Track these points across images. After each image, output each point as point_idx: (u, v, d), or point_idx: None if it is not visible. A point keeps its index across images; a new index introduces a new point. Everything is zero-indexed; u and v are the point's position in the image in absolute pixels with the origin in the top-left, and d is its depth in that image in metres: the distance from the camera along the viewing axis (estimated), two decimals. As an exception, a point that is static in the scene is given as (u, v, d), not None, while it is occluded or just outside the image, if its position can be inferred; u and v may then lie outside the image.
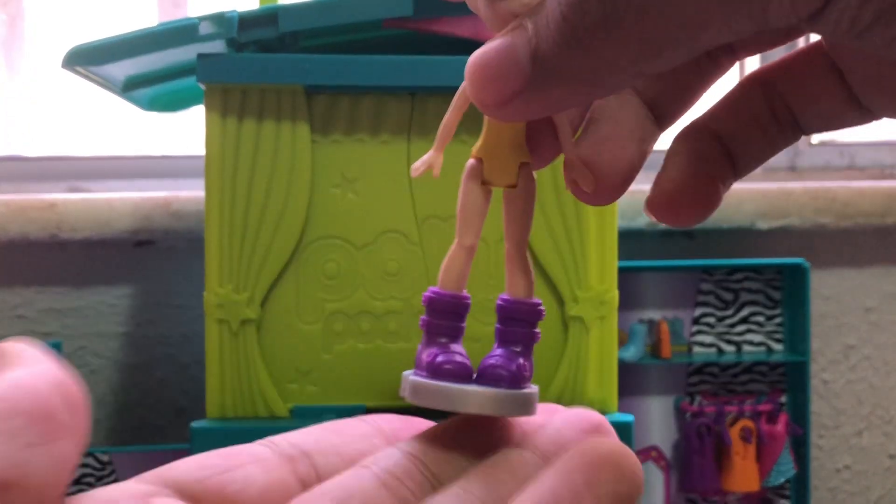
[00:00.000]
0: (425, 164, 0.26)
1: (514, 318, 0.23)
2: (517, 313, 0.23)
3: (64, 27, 1.18)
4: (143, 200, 1.01)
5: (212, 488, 0.20)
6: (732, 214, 1.06)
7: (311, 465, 0.21)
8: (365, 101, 0.71)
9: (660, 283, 1.06)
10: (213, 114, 0.69)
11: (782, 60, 0.24)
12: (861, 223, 1.08)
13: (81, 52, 0.69)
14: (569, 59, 0.19)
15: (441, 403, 0.22)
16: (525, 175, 0.24)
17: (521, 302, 0.23)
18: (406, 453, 0.21)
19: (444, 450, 0.22)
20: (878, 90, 0.22)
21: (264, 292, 0.70)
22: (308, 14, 0.68)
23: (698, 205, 0.24)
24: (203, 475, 0.20)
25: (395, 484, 0.20)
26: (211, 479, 0.20)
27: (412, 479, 0.21)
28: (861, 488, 1.13)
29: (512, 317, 0.23)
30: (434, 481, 0.21)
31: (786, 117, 0.24)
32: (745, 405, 1.04)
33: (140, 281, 1.05)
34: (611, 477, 0.19)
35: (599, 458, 0.19)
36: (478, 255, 0.71)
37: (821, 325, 1.11)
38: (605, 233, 0.72)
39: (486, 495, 0.20)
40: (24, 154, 1.18)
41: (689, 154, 0.24)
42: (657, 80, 0.24)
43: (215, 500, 0.20)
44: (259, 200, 0.69)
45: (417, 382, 0.22)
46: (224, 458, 0.20)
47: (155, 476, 0.20)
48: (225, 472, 0.20)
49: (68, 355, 1.03)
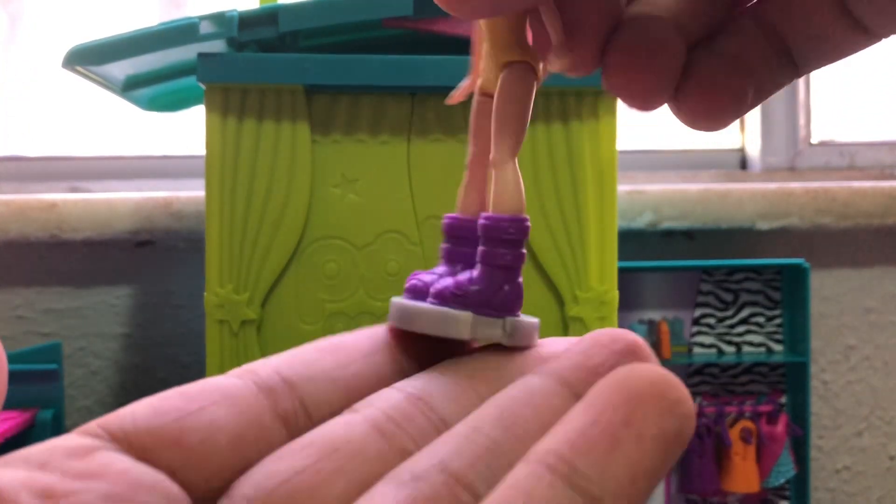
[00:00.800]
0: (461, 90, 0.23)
1: (488, 237, 0.21)
2: (490, 231, 0.21)
3: (64, 27, 1.18)
4: (143, 201, 1.01)
5: (167, 438, 0.16)
6: (732, 215, 1.06)
7: (297, 398, 0.18)
8: (365, 100, 0.71)
9: (660, 284, 1.06)
10: (213, 114, 0.69)
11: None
12: (861, 223, 1.08)
13: (81, 52, 0.69)
14: None
15: (399, 322, 0.21)
16: (507, 72, 0.21)
17: (493, 218, 0.21)
18: (407, 394, 0.18)
19: (452, 386, 0.19)
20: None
21: (264, 293, 0.70)
22: (308, 14, 0.68)
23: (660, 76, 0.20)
24: (157, 423, 0.17)
25: (393, 430, 0.17)
26: (167, 428, 0.17)
27: (413, 424, 0.18)
28: (861, 489, 1.13)
29: (486, 236, 0.21)
30: (440, 424, 0.18)
31: (778, 46, 0.22)
32: (745, 406, 1.04)
33: (140, 281, 1.04)
34: (654, 411, 0.16)
35: (638, 389, 0.16)
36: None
37: (821, 325, 1.11)
38: (605, 233, 0.72)
39: (502, 435, 0.17)
40: (25, 154, 1.18)
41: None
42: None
43: (172, 454, 0.16)
44: (259, 200, 0.69)
45: (391, 303, 0.21)
46: (185, 399, 0.17)
47: (101, 426, 0.17)
48: (184, 418, 0.17)
49: (68, 356, 1.02)
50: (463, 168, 0.23)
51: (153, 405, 0.17)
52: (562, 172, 0.71)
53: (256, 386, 0.18)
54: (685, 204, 1.05)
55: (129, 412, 0.17)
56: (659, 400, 0.16)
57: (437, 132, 0.70)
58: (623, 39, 0.20)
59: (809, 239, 1.11)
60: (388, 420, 0.18)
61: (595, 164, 0.71)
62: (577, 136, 0.71)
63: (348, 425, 0.17)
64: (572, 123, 0.70)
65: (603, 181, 0.71)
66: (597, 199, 0.71)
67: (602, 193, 0.72)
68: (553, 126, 0.70)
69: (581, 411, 0.16)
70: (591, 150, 0.71)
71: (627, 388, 0.16)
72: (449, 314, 0.20)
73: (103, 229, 1.00)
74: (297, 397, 0.18)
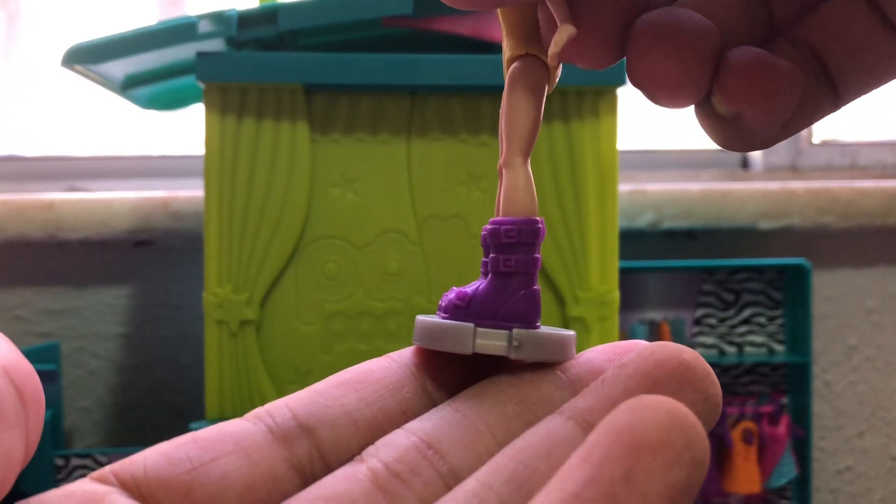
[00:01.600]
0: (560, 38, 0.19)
1: (498, 243, 0.20)
2: (499, 236, 0.19)
3: (62, 26, 1.18)
4: (141, 200, 1.01)
5: (178, 490, 0.16)
6: (734, 214, 1.06)
7: (314, 444, 0.17)
8: (364, 99, 0.70)
9: (661, 284, 1.06)
10: (212, 113, 0.69)
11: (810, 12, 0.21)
12: (863, 223, 1.08)
13: (80, 51, 0.68)
14: None
15: (433, 343, 0.19)
16: (517, 66, 0.20)
17: (503, 222, 0.20)
18: (416, 441, 0.17)
19: (466, 430, 0.17)
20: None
21: (263, 293, 0.69)
22: (307, 12, 0.68)
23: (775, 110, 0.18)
24: (169, 473, 0.16)
25: (396, 487, 0.16)
26: (178, 479, 0.16)
27: (420, 479, 0.17)
28: (863, 490, 1.12)
29: (496, 242, 0.20)
30: (450, 477, 0.17)
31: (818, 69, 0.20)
32: (747, 406, 1.03)
33: (139, 281, 1.04)
34: (660, 463, 0.13)
35: (644, 436, 0.14)
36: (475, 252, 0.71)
37: (823, 325, 1.11)
38: (606, 233, 0.71)
39: (514, 494, 0.16)
40: (23, 154, 1.17)
41: None
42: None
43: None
44: (258, 200, 0.69)
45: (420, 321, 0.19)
46: (199, 448, 0.17)
47: (114, 472, 0.16)
48: (197, 468, 0.16)
49: (67, 356, 1.02)
50: (463, 168, 0.22)
51: (167, 453, 0.17)
52: (562, 172, 0.70)
53: (272, 433, 0.17)
54: (686, 203, 1.05)
55: (142, 459, 0.17)
56: (666, 449, 0.14)
57: (437, 131, 0.69)
58: (651, 19, 0.18)
59: (811, 239, 1.11)
60: (393, 476, 0.17)
61: (596, 163, 0.71)
62: (578, 136, 0.70)
63: (350, 482, 0.16)
64: (573, 122, 0.70)
65: (604, 180, 0.71)
66: (598, 199, 0.71)
67: (603, 193, 0.71)
68: (554, 125, 0.70)
69: (578, 466, 0.14)
70: (591, 150, 0.71)
71: (631, 434, 0.14)
72: (448, 326, 0.19)
73: (101, 229, 1.00)
74: (314, 444, 0.18)
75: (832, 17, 0.20)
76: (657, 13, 0.18)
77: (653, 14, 0.18)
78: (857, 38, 0.20)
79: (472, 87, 0.69)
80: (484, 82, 0.68)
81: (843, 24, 0.20)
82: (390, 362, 0.19)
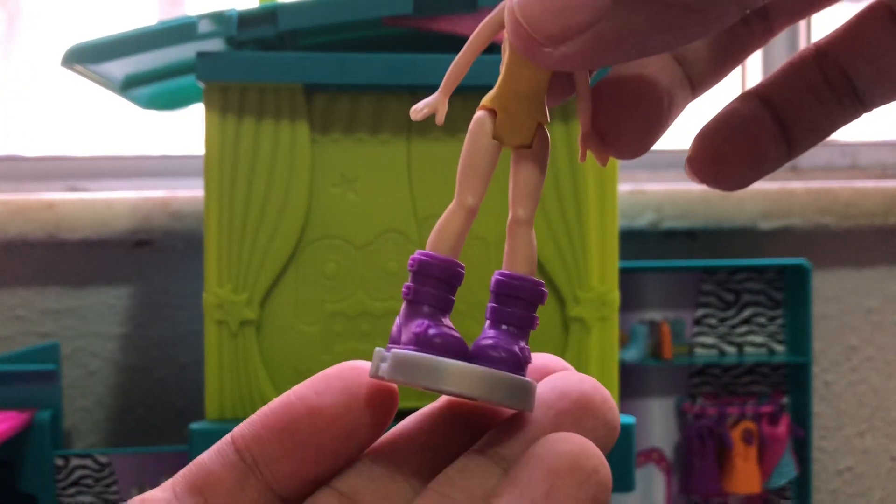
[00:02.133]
0: (428, 107, 0.22)
1: (513, 296, 0.20)
2: (517, 291, 0.20)
3: (62, 26, 1.18)
4: (141, 200, 1.01)
5: None
6: (734, 214, 1.06)
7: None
8: (364, 99, 0.70)
9: (661, 284, 1.05)
10: (212, 113, 0.69)
11: (838, 28, 0.22)
12: (863, 223, 1.08)
13: (80, 51, 0.68)
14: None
15: (430, 381, 0.19)
16: (541, 136, 0.21)
17: (522, 279, 0.20)
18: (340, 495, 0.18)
19: (387, 477, 0.19)
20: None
21: (263, 293, 0.69)
22: (307, 12, 0.68)
23: (740, 162, 0.22)
24: None
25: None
26: None
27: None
28: (863, 490, 1.12)
29: (510, 294, 0.20)
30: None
31: (843, 85, 0.22)
32: (747, 406, 1.03)
33: (139, 281, 1.04)
34: (572, 484, 0.17)
35: (558, 464, 0.17)
36: (478, 255, 0.71)
37: (822, 326, 1.11)
38: (606, 233, 0.71)
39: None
40: (23, 154, 1.17)
41: (733, 113, 0.22)
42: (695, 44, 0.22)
43: None
44: (258, 200, 0.69)
45: (402, 355, 0.19)
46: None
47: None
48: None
49: (66, 356, 1.02)
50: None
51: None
52: (562, 172, 0.70)
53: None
54: (687, 204, 1.05)
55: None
56: (577, 472, 0.17)
57: (438, 132, 0.69)
58: (592, 147, 0.23)
59: (811, 239, 1.11)
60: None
61: (596, 163, 0.71)
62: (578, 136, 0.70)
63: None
64: (573, 122, 0.70)
65: (604, 181, 0.71)
66: (598, 199, 0.71)
67: (603, 193, 0.71)
68: (554, 125, 0.70)
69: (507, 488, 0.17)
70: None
71: (549, 463, 0.17)
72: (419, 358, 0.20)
73: (101, 229, 1.00)
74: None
75: (864, 41, 0.21)
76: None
77: (592, 145, 0.23)
78: (886, 66, 0.21)
79: (473, 87, 0.69)
80: (484, 82, 0.67)
81: (873, 50, 0.21)
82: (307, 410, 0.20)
